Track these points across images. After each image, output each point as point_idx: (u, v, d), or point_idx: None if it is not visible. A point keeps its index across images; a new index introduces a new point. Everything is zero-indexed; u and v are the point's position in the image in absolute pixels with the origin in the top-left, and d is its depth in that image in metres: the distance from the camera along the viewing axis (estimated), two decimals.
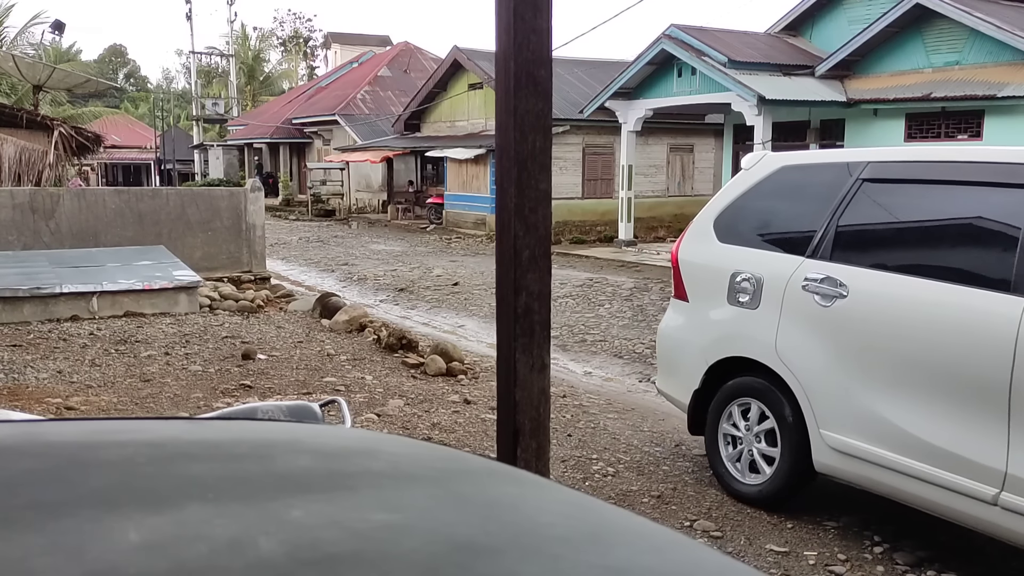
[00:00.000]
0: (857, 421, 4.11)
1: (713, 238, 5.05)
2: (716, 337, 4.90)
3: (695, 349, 5.01)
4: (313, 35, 60.70)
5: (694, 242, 5.22)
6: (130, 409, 6.21)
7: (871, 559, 4.18)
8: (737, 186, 5.14)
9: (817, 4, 18.86)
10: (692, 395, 5.02)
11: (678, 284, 5.27)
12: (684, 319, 5.18)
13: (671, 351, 5.32)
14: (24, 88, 23.52)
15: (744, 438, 4.78)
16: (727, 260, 4.88)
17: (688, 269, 5.19)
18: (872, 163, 4.45)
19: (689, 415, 5.10)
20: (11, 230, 12.33)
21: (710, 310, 4.95)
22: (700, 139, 24.79)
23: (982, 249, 4.00)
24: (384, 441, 0.98)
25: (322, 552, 0.60)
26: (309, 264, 17.69)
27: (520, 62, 2.72)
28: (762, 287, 4.63)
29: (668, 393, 5.37)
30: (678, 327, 5.23)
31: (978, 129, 14.83)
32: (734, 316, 4.77)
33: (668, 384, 5.37)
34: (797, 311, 4.43)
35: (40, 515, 0.61)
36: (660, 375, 5.51)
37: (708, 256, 5.05)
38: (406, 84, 33.47)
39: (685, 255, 5.25)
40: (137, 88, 68.90)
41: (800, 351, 4.39)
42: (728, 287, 4.81)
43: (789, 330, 4.45)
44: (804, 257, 4.48)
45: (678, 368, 5.24)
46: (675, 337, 5.25)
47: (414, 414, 6.36)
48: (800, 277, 4.43)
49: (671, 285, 5.61)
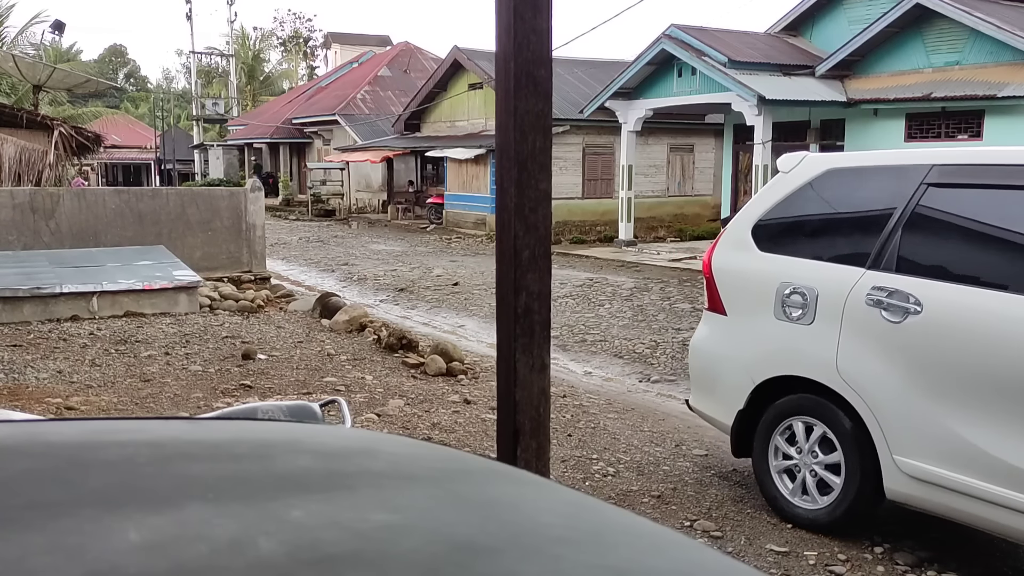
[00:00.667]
0: (939, 447, 3.82)
1: (752, 246, 4.71)
2: (763, 354, 4.56)
3: (738, 367, 4.66)
4: (313, 35, 60.71)
5: (730, 251, 4.87)
6: (130, 409, 6.21)
7: (871, 559, 4.18)
8: (776, 190, 4.79)
9: (817, 4, 18.86)
10: (736, 416, 4.67)
11: (713, 296, 4.90)
12: (722, 334, 4.82)
13: (708, 368, 4.95)
14: (24, 88, 23.53)
15: (800, 461, 4.44)
16: (772, 271, 4.54)
17: (725, 280, 4.84)
18: (938, 166, 4.10)
19: (733, 437, 4.76)
20: (11, 230, 12.33)
21: (754, 325, 4.61)
22: (700, 139, 24.79)
23: None
24: (384, 441, 0.98)
25: (322, 552, 0.60)
26: (309, 264, 17.69)
27: (520, 62, 2.72)
28: (816, 301, 4.29)
29: (706, 413, 5.00)
30: (715, 342, 4.87)
31: (978, 129, 14.83)
32: (784, 332, 4.44)
33: (705, 403, 4.98)
34: (861, 327, 4.10)
35: (40, 515, 0.61)
36: (695, 393, 5.11)
37: (748, 266, 4.71)
38: (406, 84, 33.47)
39: (720, 265, 4.88)
40: (137, 88, 68.90)
41: (867, 371, 4.07)
42: (775, 300, 4.47)
43: (852, 348, 4.13)
44: (865, 268, 4.15)
45: (718, 387, 4.87)
46: (713, 353, 4.88)
47: (414, 414, 6.37)
48: (862, 290, 4.10)
49: (669, 285, 5.52)
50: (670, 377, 8.27)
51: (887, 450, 4.01)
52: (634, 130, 19.89)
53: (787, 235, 4.69)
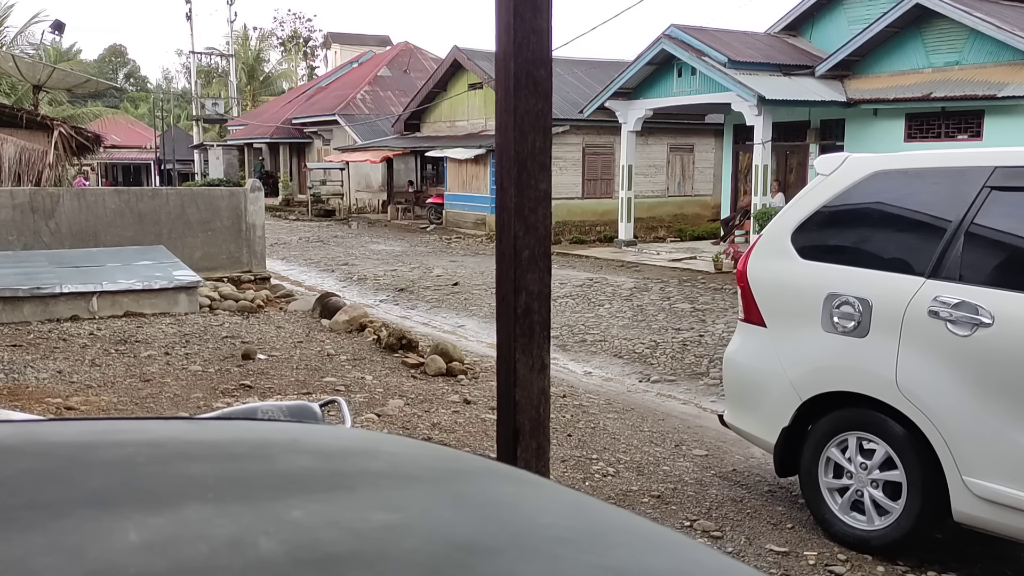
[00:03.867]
0: (1015, 467, 3.62)
1: (793, 254, 4.46)
2: (811, 369, 4.30)
3: (782, 382, 4.39)
4: (313, 35, 60.71)
5: (768, 259, 4.60)
6: (130, 409, 6.21)
7: (871, 559, 4.18)
8: (817, 194, 4.50)
9: (817, 4, 18.87)
10: (780, 433, 4.41)
11: (749, 306, 4.64)
12: (761, 347, 4.56)
13: (747, 383, 4.67)
14: (24, 88, 23.53)
15: (854, 479, 4.18)
16: (817, 280, 4.29)
17: (763, 289, 4.58)
18: (1001, 169, 3.87)
19: (777, 455, 4.49)
20: (11, 230, 12.33)
21: (799, 337, 4.35)
22: (700, 139, 24.79)
23: None
24: (384, 441, 0.98)
25: (322, 552, 0.60)
26: (309, 264, 17.69)
27: (520, 62, 2.72)
28: (871, 312, 4.04)
29: (745, 430, 4.75)
30: (753, 355, 4.61)
31: (978, 129, 14.83)
32: (834, 345, 4.18)
33: (744, 419, 4.72)
34: (923, 341, 3.86)
35: (40, 515, 0.61)
36: (732, 409, 4.85)
37: (789, 275, 4.46)
38: (406, 84, 33.47)
39: (757, 273, 4.62)
40: (137, 88, 68.87)
41: (931, 387, 3.83)
42: (823, 311, 4.22)
43: (914, 362, 3.89)
44: (924, 278, 3.90)
45: (759, 403, 4.59)
46: (752, 367, 4.61)
47: (414, 414, 6.37)
48: (923, 301, 3.86)
49: (669, 285, 5.45)
50: (670, 377, 8.27)
51: (955, 470, 3.78)
52: (634, 130, 19.89)
53: (832, 242, 4.46)
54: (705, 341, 9.55)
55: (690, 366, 8.60)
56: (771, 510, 4.79)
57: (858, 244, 4.39)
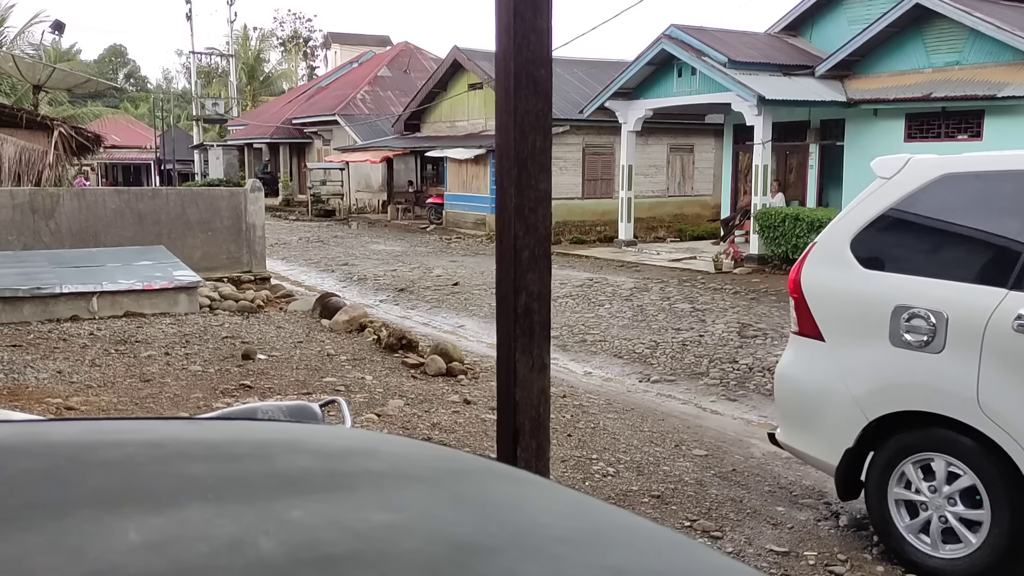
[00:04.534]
0: None
1: (852, 262, 4.19)
2: (879, 387, 4.03)
3: (846, 400, 4.12)
4: (313, 35, 60.72)
5: (824, 267, 4.33)
6: (130, 409, 6.21)
7: (871, 559, 4.18)
8: (878, 199, 4.22)
9: (817, 4, 18.87)
10: (843, 454, 4.13)
11: (805, 318, 4.36)
12: (819, 362, 4.28)
13: (805, 401, 4.39)
14: (24, 88, 23.52)
15: (930, 502, 3.90)
16: (882, 291, 4.04)
17: (819, 300, 4.30)
18: None
19: (839, 477, 4.20)
20: (11, 230, 12.33)
21: (862, 352, 4.09)
22: (700, 139, 24.79)
23: None
24: (384, 441, 0.99)
25: (322, 552, 0.60)
26: (309, 264, 17.69)
27: (520, 62, 2.72)
28: (946, 325, 3.77)
29: (803, 451, 4.47)
30: (811, 371, 4.33)
31: (978, 129, 14.83)
32: (904, 361, 3.90)
33: (801, 439, 4.43)
34: (1009, 357, 3.61)
35: (40, 515, 0.61)
36: (786, 428, 4.55)
37: (850, 285, 4.19)
38: (406, 84, 33.47)
39: (813, 283, 4.33)
40: (137, 88, 68.87)
41: (1020, 407, 3.58)
42: (890, 324, 3.94)
43: (998, 380, 3.64)
44: (1007, 289, 3.65)
45: (819, 422, 4.31)
46: (810, 384, 4.34)
47: (414, 414, 6.36)
48: (1007, 314, 3.60)
49: (669, 285, 5.34)
50: (670, 377, 8.27)
51: None
52: (634, 130, 19.89)
53: (898, 250, 4.21)
54: (705, 341, 9.55)
55: (690, 366, 8.60)
56: (771, 510, 4.79)
57: (929, 252, 4.14)
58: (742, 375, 8.16)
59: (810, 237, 14.82)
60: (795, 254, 15.28)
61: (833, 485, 4.37)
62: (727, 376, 8.17)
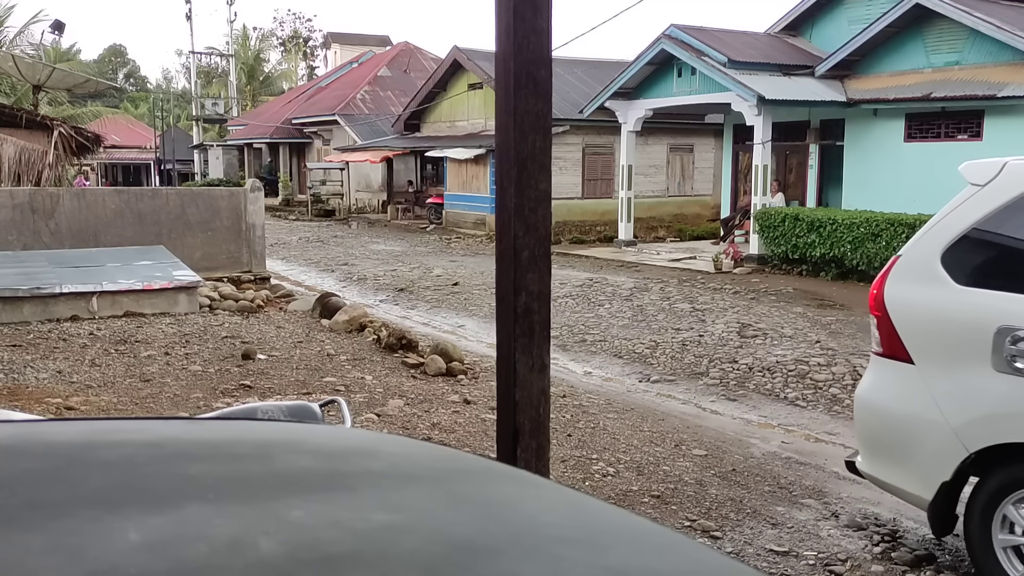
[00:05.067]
0: None
1: (945, 279, 3.85)
2: (981, 416, 3.68)
3: (942, 431, 3.78)
4: (313, 35, 60.70)
5: (911, 283, 3.98)
6: (130, 409, 6.21)
7: (871, 559, 4.18)
8: (971, 208, 3.88)
9: (817, 4, 18.86)
10: (939, 488, 3.79)
11: (890, 338, 4.01)
12: (909, 387, 3.93)
13: (893, 430, 4.06)
14: (24, 88, 23.51)
15: None
16: (983, 310, 3.69)
17: (907, 319, 3.95)
18: None
19: (934, 512, 3.85)
20: (11, 230, 12.33)
21: (961, 378, 3.76)
22: (700, 139, 24.79)
23: None
24: (384, 441, 0.99)
25: (322, 552, 0.60)
26: (309, 264, 17.69)
27: (520, 62, 2.72)
28: None
29: (890, 482, 4.11)
30: (898, 397, 3.99)
31: (978, 129, 14.83)
32: (1011, 388, 3.56)
33: (890, 471, 4.09)
34: None
35: (40, 515, 0.61)
36: (871, 458, 4.18)
37: (942, 304, 3.86)
38: (406, 84, 33.46)
39: (899, 300, 3.99)
40: (137, 88, 68.85)
41: None
42: (992, 347, 3.60)
43: None
44: None
45: (909, 453, 3.97)
46: (898, 410, 3.99)
47: (414, 414, 6.36)
48: None
49: (669, 285, 5.23)
50: (669, 377, 8.27)
51: None
52: (634, 130, 19.89)
53: (997, 265, 3.91)
54: (705, 341, 9.55)
55: (690, 366, 8.59)
56: (771, 510, 4.79)
57: None
58: (742, 375, 8.16)
59: (810, 237, 14.86)
60: (795, 254, 15.29)
61: (829, 482, 4.37)
62: (727, 376, 8.17)
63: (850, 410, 7.01)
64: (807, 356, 8.58)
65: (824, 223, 14.66)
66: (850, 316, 10.93)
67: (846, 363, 8.23)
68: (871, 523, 4.64)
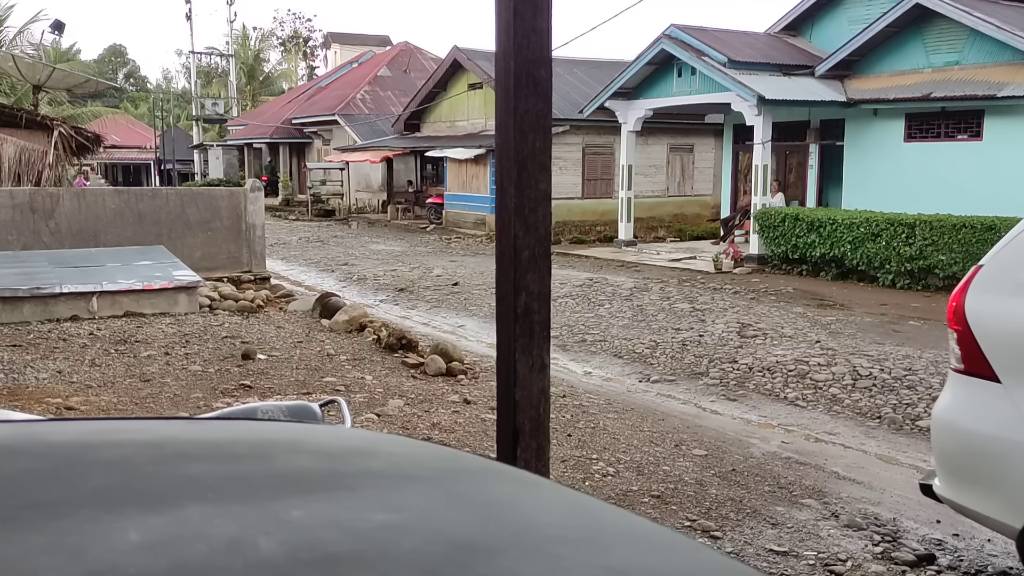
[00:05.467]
0: None
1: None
2: None
3: None
4: (313, 35, 60.68)
5: (996, 296, 3.67)
6: (130, 409, 6.21)
7: (871, 559, 4.18)
8: None
9: (817, 4, 18.86)
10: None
11: (971, 355, 3.68)
12: (993, 407, 3.62)
13: (977, 453, 3.74)
14: (24, 88, 23.51)
15: None
16: None
17: (993, 335, 3.63)
18: None
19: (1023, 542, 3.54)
20: (11, 230, 12.33)
21: None
22: (700, 139, 24.79)
23: None
24: (384, 441, 0.99)
25: (322, 552, 0.60)
26: (309, 264, 17.69)
27: (520, 62, 2.72)
28: None
29: (975, 509, 3.76)
30: (983, 418, 3.67)
31: (978, 129, 14.83)
32: None
33: (974, 497, 3.77)
34: None
35: (40, 515, 0.61)
36: (951, 482, 3.84)
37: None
38: (406, 84, 33.46)
39: (982, 314, 3.66)
40: (137, 88, 68.83)
41: None
42: None
43: None
44: None
45: (998, 479, 3.66)
46: (983, 432, 3.67)
47: (414, 414, 6.37)
48: None
49: (669, 285, 5.07)
50: (669, 377, 8.27)
51: None
52: (634, 130, 19.89)
53: None
54: (705, 341, 9.55)
55: (690, 366, 8.59)
56: (771, 510, 4.79)
57: None
58: (742, 375, 8.16)
59: (810, 237, 14.86)
60: (795, 254, 15.30)
61: (829, 481, 4.36)
62: (727, 376, 8.17)
63: (850, 410, 7.02)
64: (807, 356, 8.58)
65: (824, 223, 14.66)
66: (850, 316, 10.94)
67: (846, 363, 8.23)
68: (871, 523, 4.64)
